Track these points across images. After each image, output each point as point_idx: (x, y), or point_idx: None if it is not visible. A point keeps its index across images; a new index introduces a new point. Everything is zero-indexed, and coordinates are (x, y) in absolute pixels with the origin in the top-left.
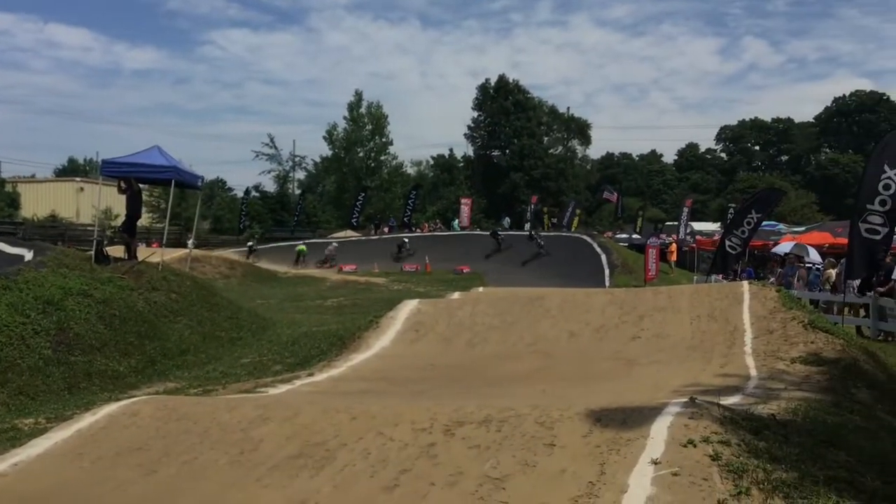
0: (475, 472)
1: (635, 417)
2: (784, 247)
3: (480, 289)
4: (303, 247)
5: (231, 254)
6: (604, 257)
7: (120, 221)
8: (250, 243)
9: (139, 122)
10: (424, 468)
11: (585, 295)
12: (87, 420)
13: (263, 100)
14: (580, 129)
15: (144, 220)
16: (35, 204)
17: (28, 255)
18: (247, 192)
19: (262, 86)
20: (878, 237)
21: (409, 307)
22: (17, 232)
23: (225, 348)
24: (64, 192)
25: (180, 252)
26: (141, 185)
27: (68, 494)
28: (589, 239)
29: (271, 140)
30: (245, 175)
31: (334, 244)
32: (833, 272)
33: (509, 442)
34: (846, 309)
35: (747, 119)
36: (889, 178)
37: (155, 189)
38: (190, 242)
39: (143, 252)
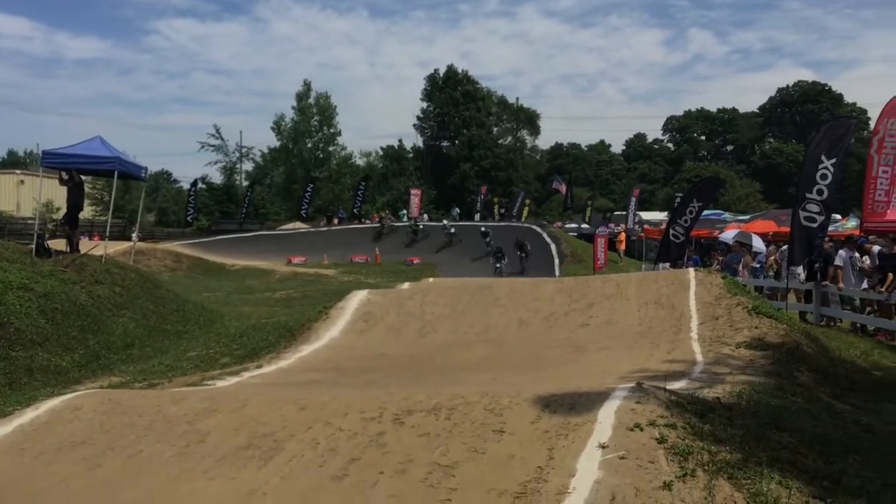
0: (425, 459)
1: (583, 403)
2: (729, 235)
3: (430, 279)
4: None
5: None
6: (553, 247)
7: (61, 214)
8: (412, 224)
9: (82, 113)
10: (374, 457)
11: (534, 284)
12: (28, 415)
13: (210, 90)
14: (529, 120)
15: (87, 212)
16: None
17: None
18: (194, 183)
19: (209, 76)
20: (814, 225)
21: (358, 297)
22: None
23: (171, 341)
24: (3, 184)
25: (124, 245)
26: (83, 177)
27: (10, 490)
28: (538, 229)
29: (217, 131)
30: (191, 167)
31: (449, 223)
32: (772, 259)
33: (459, 429)
34: (789, 294)
35: (693, 109)
36: (826, 167)
37: (98, 181)
38: (134, 235)
39: (85, 245)
